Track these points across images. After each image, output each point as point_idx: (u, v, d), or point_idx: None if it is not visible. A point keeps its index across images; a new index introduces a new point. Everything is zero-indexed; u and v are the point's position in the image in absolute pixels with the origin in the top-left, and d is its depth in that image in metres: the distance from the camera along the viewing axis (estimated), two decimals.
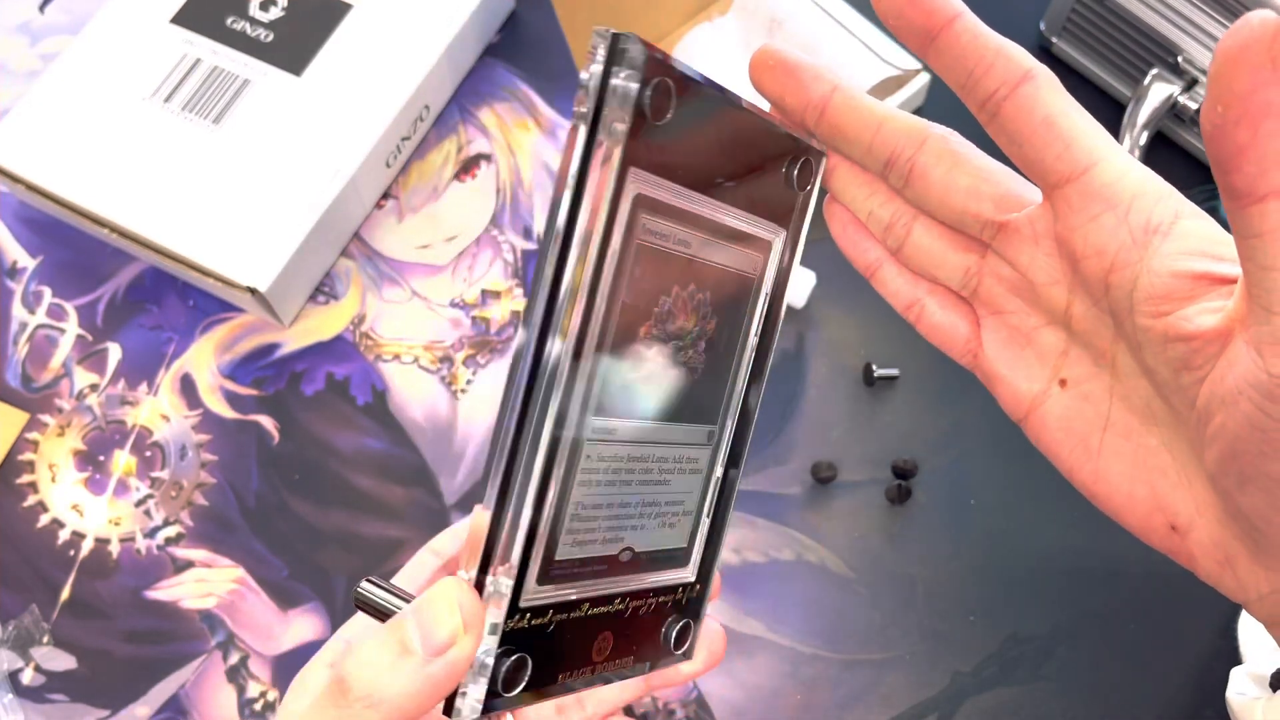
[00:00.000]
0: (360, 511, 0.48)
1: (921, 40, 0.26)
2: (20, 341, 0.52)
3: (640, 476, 0.28)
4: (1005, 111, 0.25)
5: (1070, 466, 0.29)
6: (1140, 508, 0.28)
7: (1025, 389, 0.29)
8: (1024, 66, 0.25)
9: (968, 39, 0.25)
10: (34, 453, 0.50)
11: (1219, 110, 0.20)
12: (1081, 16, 0.53)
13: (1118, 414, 0.28)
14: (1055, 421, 0.29)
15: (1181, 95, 0.49)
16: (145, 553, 0.47)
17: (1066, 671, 0.44)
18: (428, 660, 0.23)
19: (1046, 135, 0.25)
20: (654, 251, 0.25)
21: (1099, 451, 0.28)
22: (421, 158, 0.55)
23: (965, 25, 0.25)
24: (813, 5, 0.54)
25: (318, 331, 0.52)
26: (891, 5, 0.25)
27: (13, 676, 0.45)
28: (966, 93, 0.26)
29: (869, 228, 0.30)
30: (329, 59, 0.53)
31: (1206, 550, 0.27)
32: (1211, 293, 0.24)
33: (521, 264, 0.53)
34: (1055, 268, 0.27)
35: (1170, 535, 0.27)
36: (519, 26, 0.59)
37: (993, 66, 0.25)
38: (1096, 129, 0.25)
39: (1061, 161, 0.25)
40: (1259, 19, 0.19)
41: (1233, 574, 0.27)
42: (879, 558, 0.46)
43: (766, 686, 0.44)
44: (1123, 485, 0.28)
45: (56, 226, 0.54)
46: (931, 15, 0.25)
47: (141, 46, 0.54)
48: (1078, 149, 0.25)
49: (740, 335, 0.30)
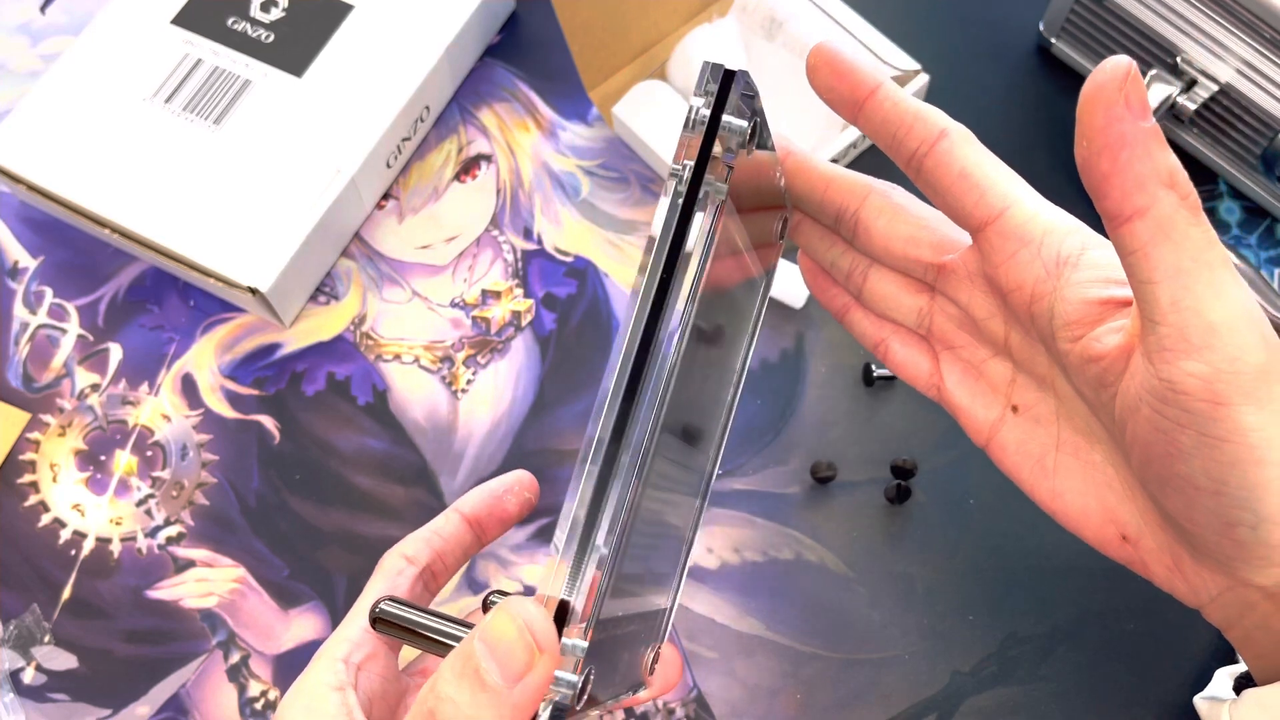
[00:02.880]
0: (361, 511, 0.48)
1: (851, 109, 0.28)
2: (21, 341, 0.52)
3: (669, 490, 0.28)
4: (926, 166, 0.28)
5: (1030, 487, 0.31)
6: (1094, 520, 0.30)
7: (983, 417, 0.32)
8: (939, 126, 0.27)
9: (889, 105, 0.28)
10: (35, 452, 0.50)
11: (1084, 144, 0.23)
12: (1080, 17, 0.53)
13: (1065, 434, 0.30)
14: (1013, 445, 0.31)
15: (1180, 96, 0.50)
16: (146, 552, 0.48)
17: (1066, 671, 0.44)
18: (509, 689, 0.23)
19: (963, 185, 0.27)
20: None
21: (1054, 470, 0.30)
22: (422, 158, 0.55)
23: (886, 94, 0.28)
24: (812, 5, 0.54)
25: (318, 331, 0.52)
26: (823, 80, 0.28)
27: (14, 676, 0.45)
28: (893, 152, 0.28)
29: (833, 276, 0.34)
30: (330, 60, 0.53)
31: (1157, 557, 0.29)
32: (1118, 314, 0.26)
33: (521, 264, 0.53)
34: (990, 303, 0.30)
35: (1124, 545, 0.30)
36: (519, 27, 0.59)
37: (912, 128, 0.28)
38: (1010, 175, 0.28)
39: (979, 207, 0.27)
40: (1112, 63, 0.22)
41: (1183, 578, 0.29)
42: (878, 557, 0.46)
43: (766, 686, 0.44)
44: (1076, 500, 0.30)
45: (57, 227, 0.54)
46: (857, 87, 0.28)
47: (142, 47, 0.54)
48: (992, 195, 0.27)
49: (738, 366, 0.32)
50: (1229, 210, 0.53)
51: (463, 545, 0.35)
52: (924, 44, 0.54)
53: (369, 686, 0.31)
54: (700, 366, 0.27)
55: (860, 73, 0.28)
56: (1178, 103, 0.50)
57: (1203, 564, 0.28)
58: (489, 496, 0.35)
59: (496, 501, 0.35)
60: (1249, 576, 0.26)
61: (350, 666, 0.31)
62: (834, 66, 0.28)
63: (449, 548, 0.34)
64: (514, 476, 0.36)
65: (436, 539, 0.34)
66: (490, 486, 0.36)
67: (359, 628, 0.32)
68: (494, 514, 0.35)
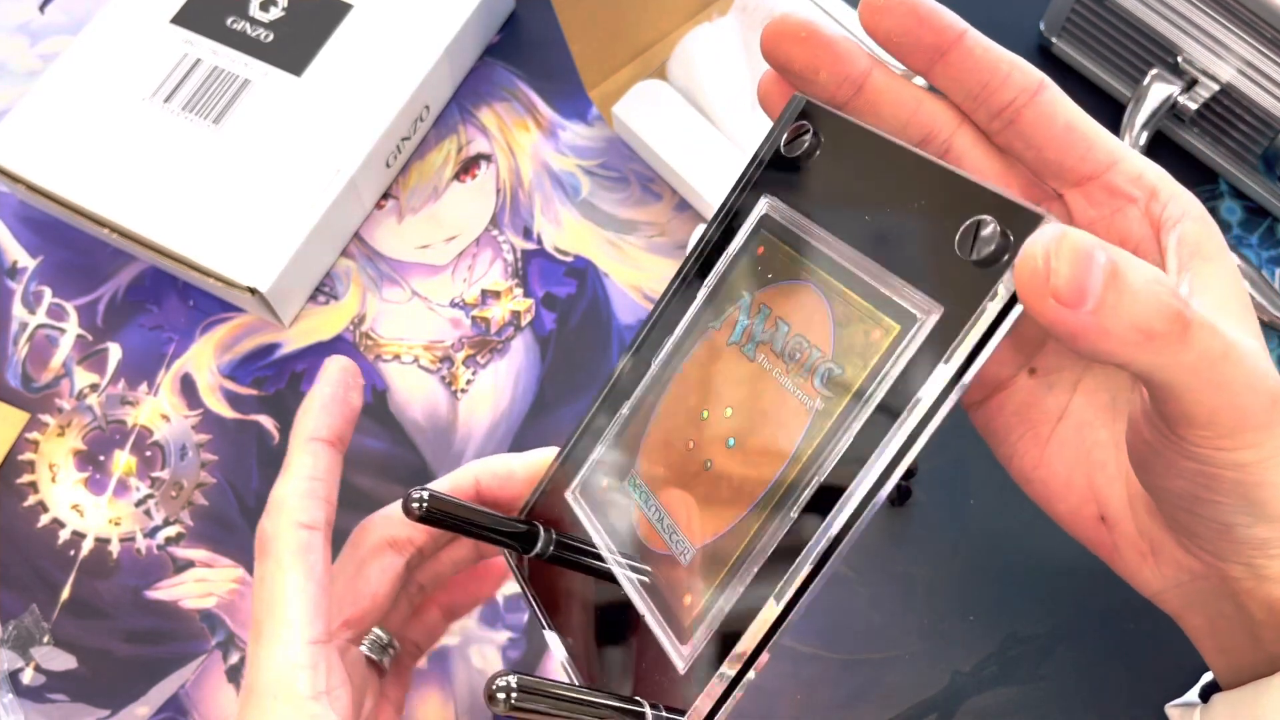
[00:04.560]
0: (360, 511, 0.48)
1: (930, 55, 0.26)
2: (20, 341, 0.52)
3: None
4: (1026, 117, 0.26)
5: (1014, 451, 0.30)
6: (1075, 496, 0.29)
7: (991, 373, 0.30)
8: (1038, 77, 0.26)
9: (980, 52, 0.26)
10: (34, 453, 0.50)
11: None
12: (1081, 16, 0.53)
13: (1076, 406, 0.29)
14: (1014, 407, 0.30)
15: (1181, 95, 0.49)
16: (145, 552, 0.47)
17: (1066, 671, 0.44)
18: None
19: (1070, 137, 0.26)
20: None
21: (1047, 439, 0.30)
22: (421, 158, 0.55)
23: (976, 40, 0.26)
24: (812, 5, 0.54)
25: (318, 331, 0.52)
26: (897, 24, 0.26)
27: (13, 676, 0.45)
28: (978, 101, 0.26)
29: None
30: (329, 59, 0.53)
31: (1132, 542, 0.29)
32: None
33: (521, 264, 0.53)
34: None
35: (1098, 526, 0.29)
36: (519, 26, 0.59)
37: (1009, 77, 0.26)
38: (1109, 133, 0.26)
39: (1085, 162, 0.26)
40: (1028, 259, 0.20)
41: (1153, 564, 0.29)
42: (879, 557, 0.46)
43: (766, 687, 0.44)
44: (1062, 473, 0.29)
45: (56, 226, 0.54)
46: (942, 32, 0.26)
47: (141, 46, 0.54)
48: (1099, 149, 0.26)
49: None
50: (1230, 210, 0.53)
51: (340, 473, 0.31)
52: None
53: (341, 708, 0.28)
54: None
55: (944, 15, 0.26)
56: (1178, 102, 0.50)
57: (1190, 554, 0.28)
58: (335, 404, 0.31)
59: (345, 406, 0.31)
60: (1230, 569, 0.26)
61: (322, 702, 0.27)
62: (911, 8, 0.26)
63: (335, 486, 0.30)
64: (334, 370, 0.32)
65: (320, 485, 0.30)
66: (321, 398, 0.31)
67: (300, 646, 0.27)
68: (348, 419, 0.31)
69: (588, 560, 0.29)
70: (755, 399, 0.26)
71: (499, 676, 0.23)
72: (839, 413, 0.24)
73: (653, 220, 0.54)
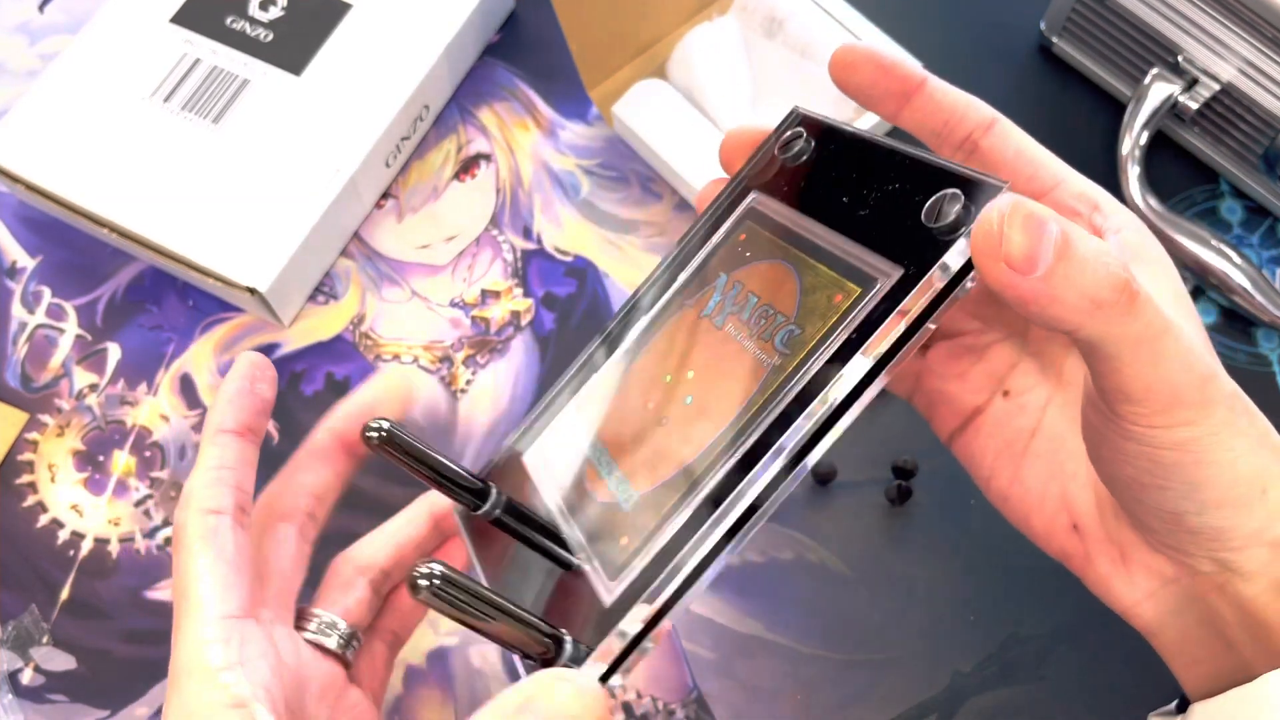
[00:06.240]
0: (361, 512, 0.48)
1: (896, 102, 0.29)
2: (20, 341, 0.52)
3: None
4: (983, 147, 0.29)
5: (992, 471, 0.32)
6: (1049, 508, 0.31)
7: (969, 402, 0.32)
8: (991, 113, 0.29)
9: (940, 95, 0.29)
10: (33, 453, 0.50)
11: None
12: (1081, 16, 0.53)
13: (1048, 421, 0.31)
14: (989, 429, 0.32)
15: (1182, 95, 0.49)
16: (145, 553, 0.47)
17: (1066, 671, 0.44)
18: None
19: (1019, 162, 0.29)
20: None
21: (1023, 455, 0.31)
22: (421, 157, 0.55)
23: (936, 85, 0.29)
24: (813, 5, 0.54)
25: (317, 331, 0.52)
26: (865, 77, 0.29)
27: (12, 677, 0.45)
28: (942, 139, 0.29)
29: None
30: (329, 59, 0.53)
31: (1103, 548, 0.30)
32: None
33: (521, 263, 0.53)
34: None
35: (1071, 535, 0.30)
36: (519, 26, 0.59)
37: (966, 114, 0.29)
38: (1056, 158, 0.29)
39: (1033, 182, 0.29)
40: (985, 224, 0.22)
41: (1125, 572, 0.29)
42: (879, 558, 0.46)
43: (766, 687, 0.44)
44: (1036, 488, 0.31)
45: (56, 226, 0.54)
46: (905, 80, 0.29)
47: (141, 46, 0.54)
48: (1045, 171, 0.29)
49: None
50: (1230, 210, 0.53)
51: (254, 461, 0.31)
52: (924, 43, 0.54)
53: (260, 678, 0.27)
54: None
55: (907, 66, 0.29)
56: (1179, 102, 0.50)
57: (1157, 552, 0.28)
58: (241, 397, 0.31)
59: (252, 398, 0.31)
60: (1198, 565, 0.27)
61: (236, 672, 0.27)
62: (877, 63, 0.29)
63: (247, 474, 0.31)
64: (243, 364, 0.32)
65: (229, 474, 0.30)
66: (228, 392, 0.31)
67: (212, 622, 0.27)
68: (256, 410, 0.31)
69: (530, 532, 0.30)
70: (717, 362, 0.27)
71: (424, 563, 0.23)
72: (792, 368, 0.25)
73: (653, 220, 0.53)
